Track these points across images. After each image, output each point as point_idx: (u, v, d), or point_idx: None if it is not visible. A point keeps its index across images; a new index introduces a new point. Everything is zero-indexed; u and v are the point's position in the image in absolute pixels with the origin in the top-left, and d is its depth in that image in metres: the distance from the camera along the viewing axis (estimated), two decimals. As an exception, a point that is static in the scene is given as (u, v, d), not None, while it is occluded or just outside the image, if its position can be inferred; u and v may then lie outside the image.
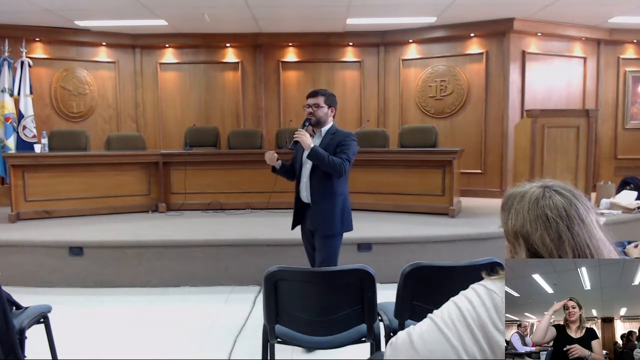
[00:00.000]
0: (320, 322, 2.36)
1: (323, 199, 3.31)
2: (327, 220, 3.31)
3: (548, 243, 1.07)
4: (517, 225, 1.11)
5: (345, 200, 3.44)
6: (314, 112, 3.31)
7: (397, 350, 1.13)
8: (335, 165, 3.23)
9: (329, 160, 3.22)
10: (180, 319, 3.88)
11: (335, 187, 3.35)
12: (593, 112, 6.18)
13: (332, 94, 3.40)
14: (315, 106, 3.31)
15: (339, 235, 3.40)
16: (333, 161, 3.22)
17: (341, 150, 3.28)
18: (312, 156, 3.22)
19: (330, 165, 3.22)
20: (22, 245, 4.70)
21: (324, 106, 3.32)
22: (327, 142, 3.31)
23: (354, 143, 3.35)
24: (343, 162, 3.25)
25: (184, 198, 6.25)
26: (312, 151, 3.21)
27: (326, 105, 3.33)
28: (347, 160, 3.26)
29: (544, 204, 1.10)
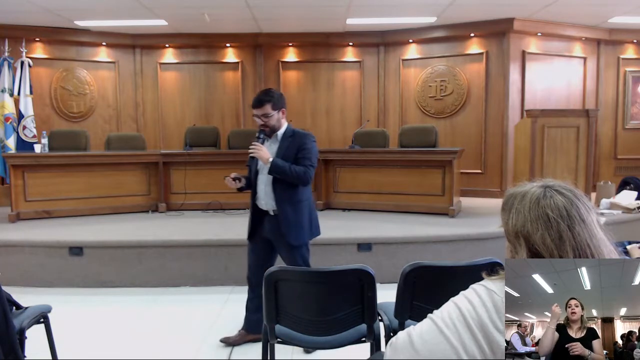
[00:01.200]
0: (320, 322, 2.36)
1: (290, 207, 3.15)
2: (294, 229, 3.16)
3: (549, 243, 1.07)
4: (517, 225, 1.11)
5: (311, 206, 3.30)
6: (267, 123, 3.14)
7: (397, 351, 1.13)
8: (299, 175, 3.11)
9: (291, 171, 3.09)
10: (180, 319, 3.88)
11: (300, 195, 3.20)
12: (593, 112, 6.18)
13: (278, 95, 3.20)
14: (265, 116, 3.12)
15: (308, 244, 3.28)
16: (296, 172, 3.10)
17: (303, 155, 3.14)
18: (274, 171, 3.08)
19: (293, 176, 3.10)
20: (22, 245, 4.70)
21: (273, 113, 3.13)
22: (286, 146, 3.16)
23: (314, 145, 3.24)
24: (307, 170, 3.13)
25: (184, 198, 6.25)
26: (272, 166, 3.08)
27: (275, 110, 3.14)
28: (310, 167, 3.15)
29: (545, 204, 1.09)
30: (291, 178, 3.11)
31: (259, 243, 3.29)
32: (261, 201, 3.21)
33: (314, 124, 8.17)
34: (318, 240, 4.68)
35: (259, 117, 3.14)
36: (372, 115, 8.18)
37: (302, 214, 3.21)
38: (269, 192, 3.18)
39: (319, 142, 7.90)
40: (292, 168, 3.11)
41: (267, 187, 3.18)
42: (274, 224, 3.19)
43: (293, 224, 3.16)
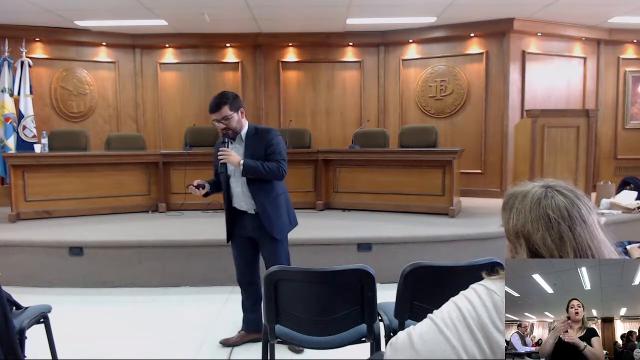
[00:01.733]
0: (320, 322, 2.36)
1: (269, 204, 3.17)
2: (277, 224, 3.18)
3: (549, 243, 1.07)
4: (518, 225, 1.11)
5: (287, 198, 3.33)
6: (228, 126, 3.08)
7: (397, 351, 1.13)
8: (273, 171, 3.12)
9: (265, 169, 3.09)
10: (180, 319, 3.88)
11: (276, 190, 3.22)
12: (593, 112, 6.18)
13: (233, 95, 3.14)
14: (225, 119, 3.07)
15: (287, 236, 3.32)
16: (270, 169, 3.10)
17: (272, 151, 3.14)
18: (247, 172, 3.08)
19: (268, 174, 3.11)
20: (22, 245, 4.70)
21: (232, 114, 3.08)
22: (252, 146, 3.14)
23: (280, 139, 3.23)
24: (279, 165, 3.14)
25: (184, 198, 6.24)
26: (245, 168, 3.06)
27: (233, 112, 3.08)
28: (282, 161, 3.16)
29: (546, 204, 1.09)
30: (266, 176, 3.12)
31: (241, 243, 3.30)
32: (240, 203, 3.21)
33: (314, 124, 8.17)
34: (318, 240, 4.72)
35: (219, 122, 3.10)
36: (372, 115, 8.18)
37: (281, 207, 3.24)
38: (245, 192, 3.18)
39: (319, 142, 7.92)
40: (265, 166, 3.11)
41: (243, 188, 3.18)
42: (256, 222, 3.20)
43: (274, 218, 3.18)
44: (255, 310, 3.35)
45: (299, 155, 6.28)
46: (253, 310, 3.36)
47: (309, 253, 4.58)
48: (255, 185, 3.15)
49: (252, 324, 3.36)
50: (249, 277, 3.35)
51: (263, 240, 3.23)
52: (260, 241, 3.25)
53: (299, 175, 6.22)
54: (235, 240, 3.31)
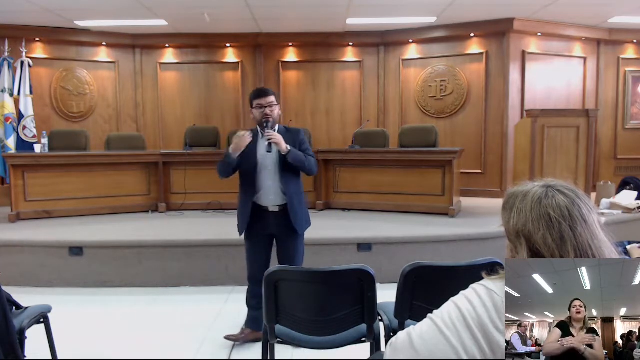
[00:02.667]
0: (320, 322, 2.36)
1: (296, 198, 3.22)
2: (302, 219, 3.24)
3: (550, 243, 1.06)
4: (519, 225, 1.11)
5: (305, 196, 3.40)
6: (271, 113, 3.14)
7: (397, 351, 1.13)
8: (311, 164, 3.20)
9: (306, 159, 3.17)
10: (180, 319, 3.88)
11: (301, 187, 3.32)
12: (593, 112, 6.18)
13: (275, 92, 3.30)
14: (270, 106, 3.15)
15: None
16: (309, 160, 3.18)
17: (306, 148, 3.23)
18: (292, 158, 3.11)
19: (307, 165, 3.17)
20: (22, 245, 4.70)
21: (276, 105, 3.21)
22: (287, 141, 3.16)
23: (306, 139, 3.34)
24: (316, 161, 3.26)
25: (184, 198, 6.25)
26: (291, 153, 3.11)
27: (277, 103, 3.22)
28: (314, 157, 3.28)
29: (547, 204, 1.09)
30: (305, 166, 3.18)
31: (260, 241, 3.29)
32: (268, 197, 3.19)
33: (314, 124, 8.17)
34: (318, 240, 4.72)
35: (264, 107, 3.14)
36: (372, 115, 8.18)
37: (304, 204, 3.31)
38: (277, 185, 3.18)
39: (319, 142, 7.92)
40: (306, 157, 3.18)
41: (274, 182, 3.18)
42: (279, 218, 3.20)
43: (300, 214, 3.23)
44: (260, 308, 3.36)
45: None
46: (259, 308, 3.34)
47: (309, 253, 4.53)
48: (288, 178, 3.19)
49: (256, 321, 3.38)
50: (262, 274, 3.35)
51: (285, 236, 3.25)
52: (282, 237, 3.26)
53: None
54: (254, 237, 3.28)
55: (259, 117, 3.17)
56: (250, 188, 3.21)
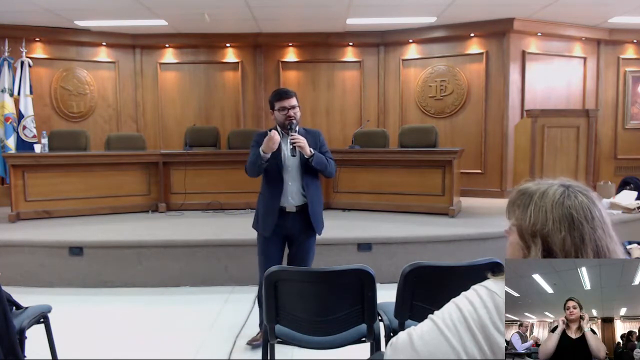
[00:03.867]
0: (320, 322, 2.36)
1: (317, 200, 3.26)
2: (319, 220, 3.28)
3: (569, 245, 1.04)
4: (537, 224, 1.07)
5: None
6: (295, 115, 3.14)
7: (397, 351, 1.13)
8: (332, 166, 3.24)
9: (328, 162, 3.20)
10: (180, 319, 3.88)
11: (320, 189, 3.35)
12: (593, 112, 6.18)
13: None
14: (293, 108, 3.15)
15: None
16: (330, 164, 3.21)
17: (326, 150, 3.26)
18: (316, 162, 3.12)
19: (329, 168, 3.20)
20: (22, 245, 4.70)
21: (299, 106, 3.21)
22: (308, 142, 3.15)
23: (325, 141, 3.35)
24: (334, 162, 3.28)
25: (184, 198, 6.25)
26: (315, 157, 3.12)
27: (299, 105, 3.23)
28: (334, 160, 3.30)
29: (570, 204, 1.06)
30: (327, 169, 3.20)
31: (277, 242, 3.29)
32: (289, 198, 3.20)
33: (314, 124, 8.15)
34: (318, 240, 4.69)
35: (288, 109, 3.13)
36: (372, 115, 8.18)
37: (322, 205, 3.36)
38: (299, 187, 3.20)
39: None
40: (328, 160, 3.21)
41: (296, 183, 3.20)
42: (297, 219, 3.22)
43: (319, 215, 3.28)
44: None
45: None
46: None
47: (309, 253, 4.58)
48: (309, 180, 3.21)
49: None
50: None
51: (302, 236, 3.26)
52: (299, 238, 3.27)
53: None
54: (274, 239, 3.27)
55: (281, 120, 3.16)
56: (276, 189, 3.20)
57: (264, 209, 3.27)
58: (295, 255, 3.30)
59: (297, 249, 3.31)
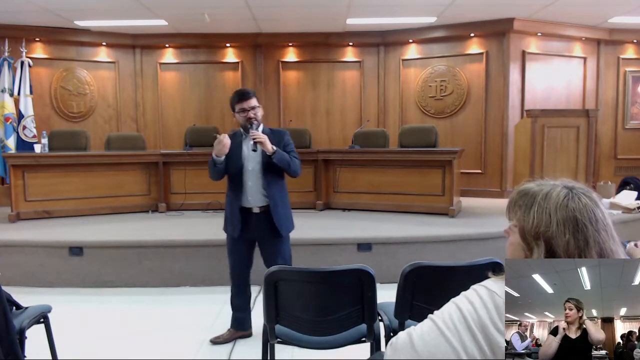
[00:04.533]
0: (320, 322, 2.36)
1: (280, 200, 3.22)
2: (284, 220, 3.24)
3: (572, 247, 1.03)
4: (540, 226, 1.06)
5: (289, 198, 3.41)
6: (255, 116, 3.17)
7: (397, 351, 1.12)
8: (296, 165, 3.21)
9: (292, 160, 3.18)
10: (180, 319, 3.88)
11: (285, 187, 3.32)
12: (593, 112, 6.19)
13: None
14: (253, 109, 3.17)
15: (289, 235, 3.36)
16: (294, 161, 3.20)
17: (291, 149, 3.24)
18: (277, 158, 3.12)
19: (292, 166, 3.18)
20: (22, 245, 4.70)
21: (259, 106, 3.23)
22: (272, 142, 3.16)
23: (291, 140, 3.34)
24: (300, 162, 3.26)
25: (184, 198, 6.24)
26: (277, 153, 3.11)
27: (260, 105, 3.24)
28: (299, 159, 3.28)
29: (574, 207, 1.05)
30: (291, 167, 3.18)
31: (244, 243, 3.30)
32: (249, 197, 3.20)
33: (314, 124, 8.17)
34: (318, 240, 4.72)
35: (248, 110, 3.16)
36: (372, 115, 8.18)
37: (288, 205, 3.31)
38: (259, 186, 3.19)
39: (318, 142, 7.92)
40: (291, 158, 3.19)
41: (257, 181, 3.19)
42: (261, 220, 3.20)
43: (283, 215, 3.23)
44: (245, 309, 3.46)
45: (298, 155, 6.27)
46: (244, 309, 3.46)
47: (309, 253, 4.58)
48: (271, 179, 3.19)
49: (243, 322, 3.46)
50: (247, 277, 3.40)
51: (268, 238, 3.24)
52: (264, 240, 3.26)
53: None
54: (241, 242, 3.28)
55: (242, 121, 3.20)
56: (238, 190, 3.21)
57: (229, 209, 3.28)
58: (267, 259, 3.28)
59: (265, 252, 3.30)
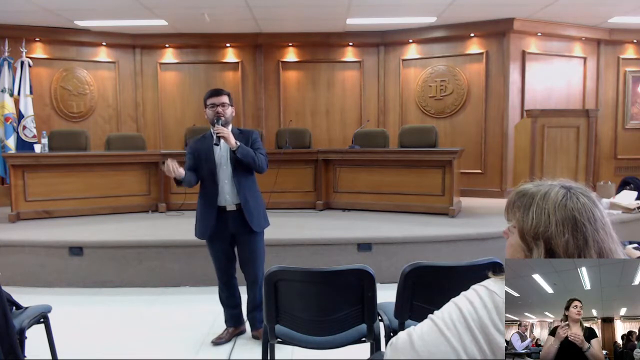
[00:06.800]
0: (320, 322, 2.36)
1: (251, 197, 3.28)
2: (259, 216, 3.31)
3: (572, 247, 1.03)
4: (539, 226, 1.06)
5: (263, 198, 3.47)
6: (223, 112, 3.21)
7: (397, 351, 1.12)
8: (261, 160, 3.26)
9: (256, 155, 3.23)
10: (181, 319, 3.88)
11: (256, 186, 3.38)
12: (593, 112, 6.18)
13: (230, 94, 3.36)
14: (222, 105, 3.21)
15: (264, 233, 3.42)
16: (259, 157, 3.25)
17: (258, 147, 3.30)
18: (241, 153, 3.16)
19: (256, 161, 3.23)
20: (22, 245, 4.70)
21: (229, 105, 3.27)
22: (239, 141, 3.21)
23: (259, 138, 3.39)
24: (265, 158, 3.31)
25: (184, 198, 6.24)
26: (240, 148, 3.16)
27: (230, 104, 3.28)
28: (266, 156, 3.33)
29: (572, 206, 1.05)
30: (255, 162, 3.23)
31: (223, 242, 3.33)
32: (225, 196, 3.25)
33: (314, 124, 8.17)
34: (318, 240, 4.72)
35: (217, 106, 3.21)
36: (372, 115, 8.18)
37: (260, 203, 3.38)
38: (231, 185, 3.25)
39: (319, 142, 7.93)
40: (256, 153, 3.24)
41: (230, 181, 3.25)
42: (236, 217, 3.26)
43: (256, 212, 3.28)
44: (237, 305, 3.48)
45: (299, 155, 6.28)
46: (235, 305, 3.48)
47: (309, 253, 4.59)
48: (241, 177, 3.25)
49: (236, 318, 3.48)
50: (231, 274, 3.43)
51: (243, 235, 3.29)
52: (240, 237, 3.31)
53: (299, 175, 6.21)
54: (217, 239, 3.33)
55: (211, 115, 3.24)
56: (212, 190, 3.26)
57: (201, 212, 3.32)
58: (243, 256, 3.35)
59: (242, 249, 3.35)
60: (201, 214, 3.32)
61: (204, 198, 3.31)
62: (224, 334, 3.45)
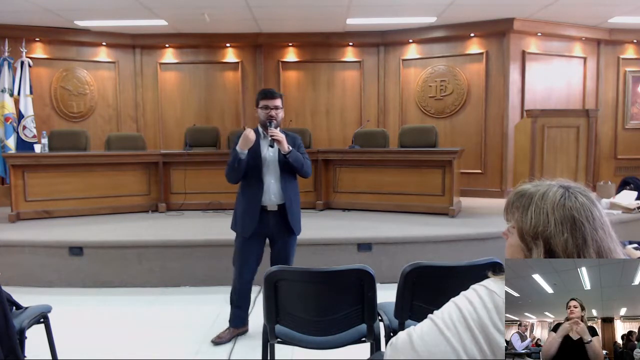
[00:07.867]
0: (320, 322, 2.36)
1: (295, 200, 3.32)
2: (297, 220, 3.34)
3: (571, 247, 1.03)
4: (538, 226, 1.06)
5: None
6: (276, 115, 3.22)
7: (397, 351, 1.12)
8: (309, 166, 3.30)
9: (305, 161, 3.26)
10: (180, 319, 3.88)
11: (298, 189, 3.40)
12: (593, 112, 6.18)
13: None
14: (276, 108, 3.22)
15: None
16: (306, 163, 3.28)
17: (303, 151, 3.32)
18: (293, 158, 3.19)
19: (305, 166, 3.26)
20: (22, 245, 4.70)
21: (282, 108, 3.29)
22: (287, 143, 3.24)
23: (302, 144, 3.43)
24: (311, 164, 3.36)
25: (184, 198, 6.25)
26: (292, 153, 3.19)
27: (282, 107, 3.30)
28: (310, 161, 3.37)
29: (571, 206, 1.05)
30: (303, 167, 3.26)
31: (258, 242, 3.34)
32: (270, 196, 3.25)
33: (314, 124, 8.17)
34: (318, 240, 4.72)
35: (271, 109, 3.21)
36: (372, 115, 8.18)
37: (299, 206, 3.40)
38: (277, 186, 3.26)
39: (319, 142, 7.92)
40: (304, 159, 3.27)
41: (276, 182, 3.26)
42: (277, 218, 3.28)
43: (297, 215, 3.33)
44: (247, 307, 3.51)
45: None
46: (245, 307, 3.50)
47: (309, 253, 4.58)
48: (287, 179, 3.27)
49: (242, 319, 3.50)
50: (253, 276, 3.42)
51: (281, 236, 3.32)
52: (277, 237, 3.33)
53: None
54: (255, 239, 3.31)
55: (263, 117, 3.23)
56: (256, 188, 3.25)
57: (244, 208, 3.30)
58: (279, 255, 3.35)
59: (280, 249, 3.36)
60: (244, 211, 3.29)
61: (247, 195, 3.29)
62: (225, 333, 3.45)
